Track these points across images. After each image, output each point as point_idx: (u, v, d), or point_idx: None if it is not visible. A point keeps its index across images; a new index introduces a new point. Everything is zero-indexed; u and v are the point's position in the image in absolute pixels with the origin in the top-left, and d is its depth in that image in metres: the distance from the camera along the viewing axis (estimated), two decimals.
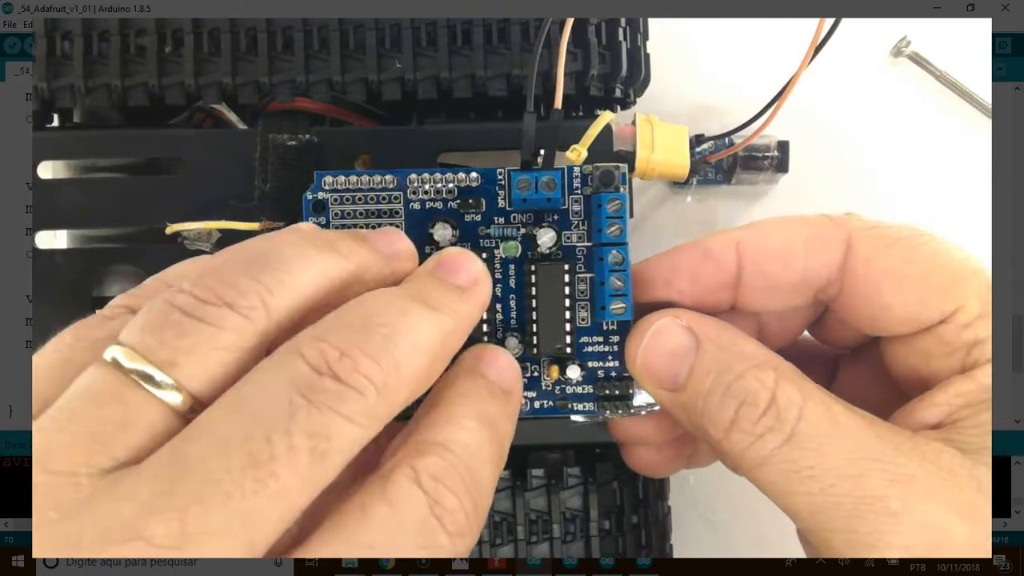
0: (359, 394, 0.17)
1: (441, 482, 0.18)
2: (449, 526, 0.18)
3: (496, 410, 0.21)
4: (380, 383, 0.18)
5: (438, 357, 0.20)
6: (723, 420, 0.21)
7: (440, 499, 0.18)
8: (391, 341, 0.18)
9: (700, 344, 0.21)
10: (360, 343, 0.18)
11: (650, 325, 0.22)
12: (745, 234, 0.23)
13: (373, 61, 0.26)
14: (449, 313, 0.20)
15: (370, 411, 0.17)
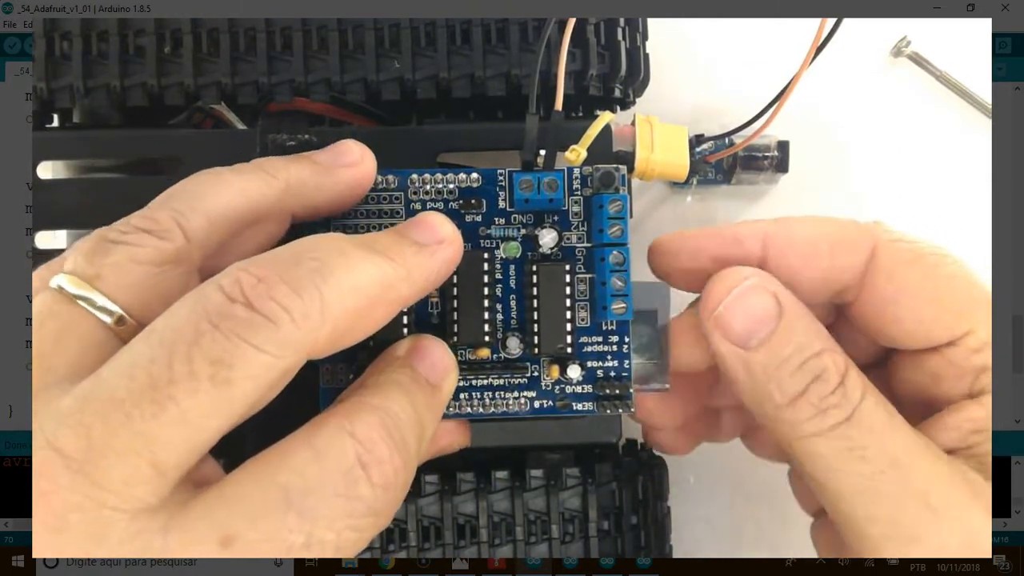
0: (270, 322, 0.17)
1: (374, 433, 0.18)
2: (375, 477, 0.18)
3: (422, 400, 0.21)
4: (298, 313, 0.17)
5: (377, 304, 0.19)
6: (792, 390, 0.21)
7: (372, 449, 0.18)
8: (318, 274, 0.18)
9: (784, 314, 0.22)
10: (282, 271, 0.18)
11: (737, 280, 0.22)
12: (774, 227, 0.23)
13: (372, 61, 0.26)
14: (398, 262, 0.20)
15: (283, 340, 0.17)
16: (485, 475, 0.26)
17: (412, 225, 0.21)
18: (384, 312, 0.20)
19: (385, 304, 0.20)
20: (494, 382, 0.24)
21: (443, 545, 0.25)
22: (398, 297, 0.20)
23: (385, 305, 0.20)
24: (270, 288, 0.17)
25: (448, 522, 0.25)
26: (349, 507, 0.18)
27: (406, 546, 0.25)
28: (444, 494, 0.25)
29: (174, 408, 0.16)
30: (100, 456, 0.16)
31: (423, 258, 0.21)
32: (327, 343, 0.18)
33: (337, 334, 0.19)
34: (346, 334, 0.19)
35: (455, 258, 0.22)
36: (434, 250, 0.21)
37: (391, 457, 0.19)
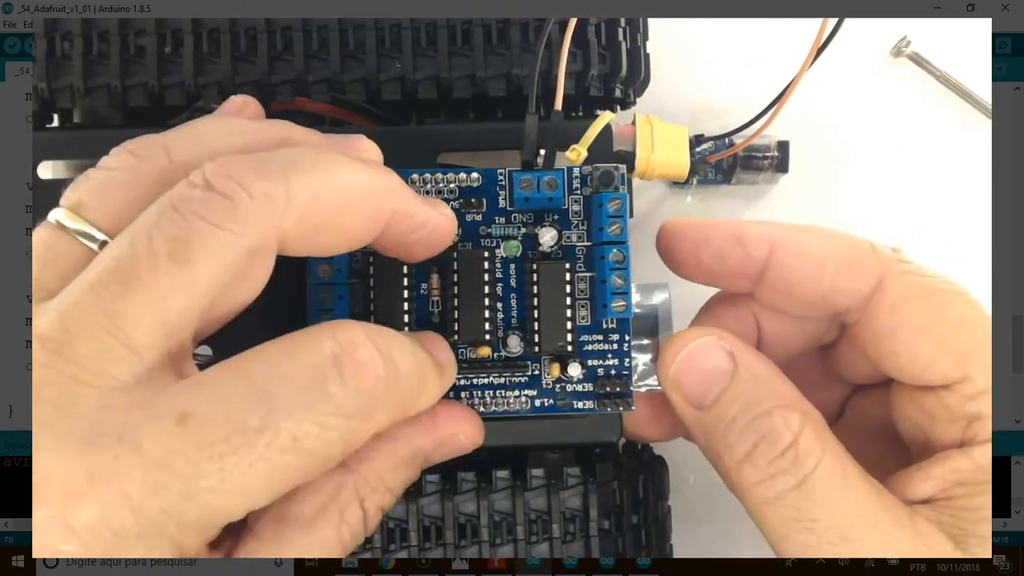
0: (227, 199, 0.17)
1: (357, 336, 0.18)
2: (349, 376, 0.18)
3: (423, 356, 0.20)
4: (258, 192, 0.17)
5: (357, 208, 0.19)
6: (739, 451, 0.21)
7: (350, 349, 0.18)
8: (288, 164, 0.18)
9: (737, 371, 0.21)
10: (250, 162, 0.18)
11: (692, 339, 0.22)
12: (782, 234, 0.23)
13: (373, 61, 0.26)
14: (382, 175, 0.20)
15: (242, 218, 0.17)
16: (486, 474, 0.26)
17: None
18: (363, 222, 0.20)
19: (366, 216, 0.20)
20: (495, 380, 0.24)
21: (444, 545, 0.25)
22: (381, 210, 0.20)
23: (366, 217, 0.20)
24: (232, 172, 0.18)
25: (449, 521, 0.25)
26: (313, 401, 0.17)
27: (407, 546, 0.25)
28: (445, 494, 0.25)
29: (138, 285, 0.17)
30: (73, 335, 0.17)
31: (415, 196, 0.21)
32: (297, 232, 0.18)
33: (309, 225, 0.19)
34: (321, 231, 0.19)
35: (449, 224, 0.22)
36: (433, 203, 0.21)
37: (371, 362, 0.18)
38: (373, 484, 0.21)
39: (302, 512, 0.20)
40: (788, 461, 0.20)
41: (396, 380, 0.19)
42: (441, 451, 0.23)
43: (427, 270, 0.24)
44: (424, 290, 0.24)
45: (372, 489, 0.21)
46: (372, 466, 0.21)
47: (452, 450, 0.23)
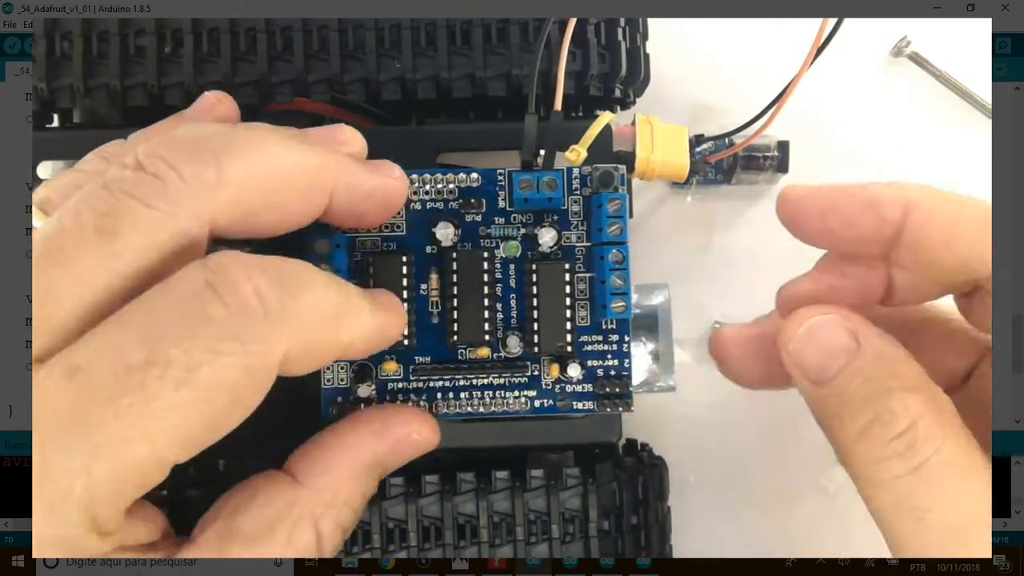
0: (157, 179, 0.17)
1: (228, 260, 0.18)
2: (229, 299, 0.17)
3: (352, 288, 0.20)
4: (188, 173, 0.18)
5: (292, 187, 0.19)
6: (853, 429, 0.20)
7: (223, 273, 0.17)
8: (219, 146, 0.18)
9: (860, 349, 0.21)
10: (182, 144, 0.18)
11: (810, 316, 0.22)
12: (919, 194, 0.21)
13: (373, 61, 0.26)
14: (319, 152, 0.20)
15: (171, 197, 0.17)
16: (485, 475, 0.26)
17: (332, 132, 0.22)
18: (301, 201, 0.20)
19: (302, 192, 0.20)
20: (494, 381, 0.24)
21: (443, 545, 0.25)
22: (319, 187, 0.20)
23: (302, 193, 0.20)
24: (164, 155, 0.18)
25: (448, 522, 0.25)
26: (198, 327, 0.17)
27: (406, 546, 0.25)
28: (444, 494, 0.25)
29: (62, 257, 0.17)
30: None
31: (359, 165, 0.21)
32: (230, 213, 0.18)
33: (243, 207, 0.19)
34: (258, 212, 0.19)
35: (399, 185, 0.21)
36: (379, 168, 0.21)
37: (250, 276, 0.17)
38: (329, 500, 0.20)
39: (249, 527, 0.19)
40: (904, 444, 0.19)
41: (291, 299, 0.18)
42: (397, 455, 0.22)
43: (426, 270, 0.24)
44: (424, 290, 0.24)
45: (328, 505, 0.20)
46: (327, 480, 0.21)
47: (408, 453, 0.22)
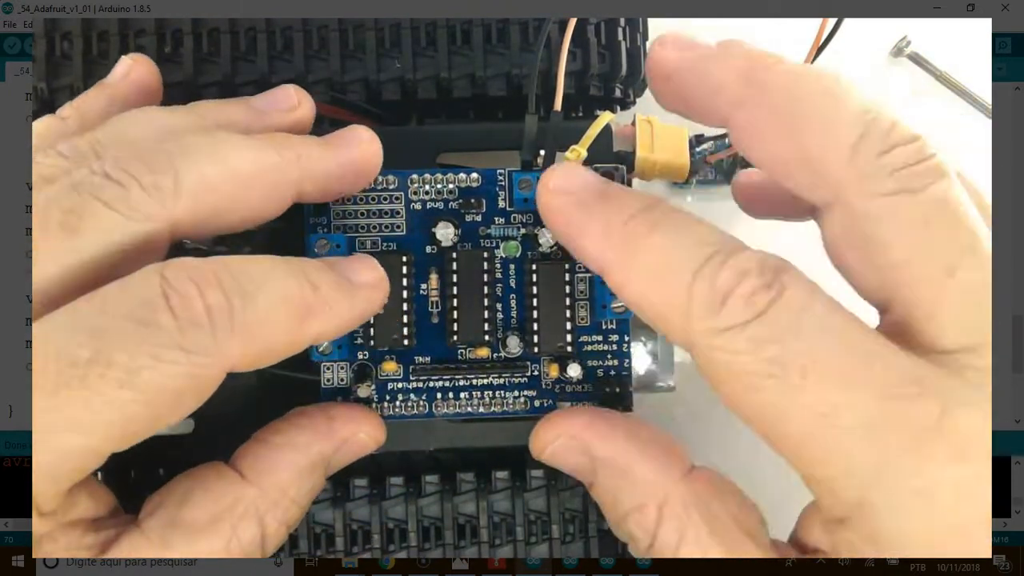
0: (120, 185, 0.19)
1: (186, 275, 0.18)
2: (179, 309, 0.18)
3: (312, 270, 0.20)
4: (148, 182, 0.19)
5: (253, 187, 0.20)
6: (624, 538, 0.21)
7: (176, 284, 0.18)
8: (176, 154, 0.19)
9: (595, 471, 0.21)
10: (144, 156, 0.19)
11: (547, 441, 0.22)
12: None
13: (373, 61, 0.26)
14: (278, 150, 0.20)
15: (132, 202, 0.19)
16: (485, 475, 0.26)
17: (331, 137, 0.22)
18: (263, 199, 0.20)
19: (264, 191, 0.20)
20: (494, 381, 0.24)
21: (443, 545, 0.25)
22: (281, 184, 0.20)
23: (264, 192, 0.20)
24: (127, 166, 0.19)
25: (448, 522, 0.25)
26: (144, 333, 0.17)
27: (406, 546, 0.25)
28: (445, 494, 0.25)
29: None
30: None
31: (323, 149, 0.21)
32: (193, 218, 0.19)
33: (205, 210, 0.19)
34: (220, 213, 0.20)
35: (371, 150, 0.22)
36: (344, 141, 0.21)
37: (199, 295, 0.18)
38: (275, 497, 0.21)
39: (193, 519, 0.20)
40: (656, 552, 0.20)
41: (243, 311, 0.18)
42: (343, 454, 0.22)
43: (426, 270, 0.24)
44: (424, 290, 0.24)
45: (274, 503, 0.21)
46: (274, 479, 0.21)
47: (354, 452, 0.22)
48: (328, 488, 0.25)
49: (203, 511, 0.20)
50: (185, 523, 0.20)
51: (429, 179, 0.24)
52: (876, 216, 0.18)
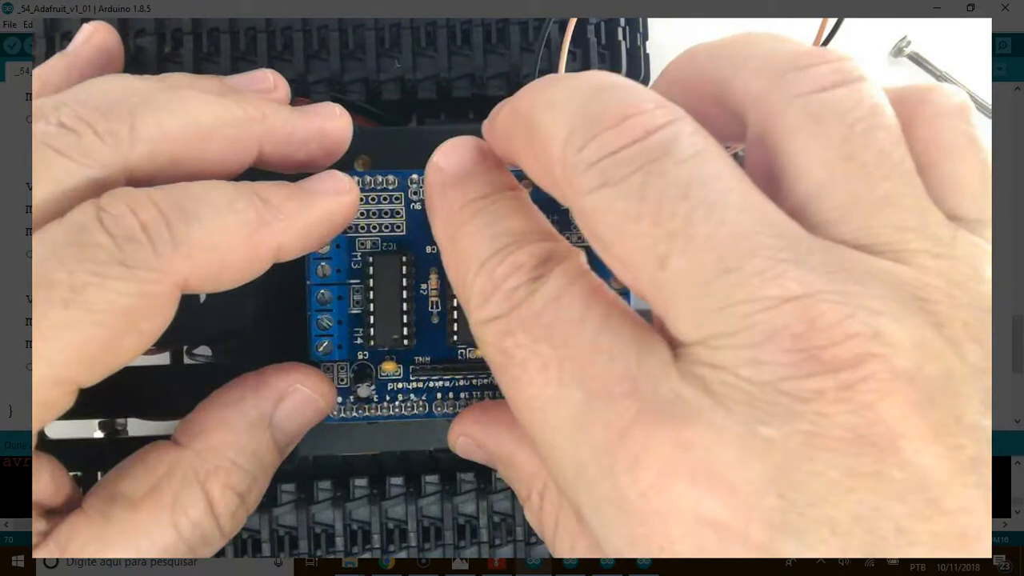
0: (73, 132, 0.19)
1: (119, 198, 0.18)
2: (112, 228, 0.18)
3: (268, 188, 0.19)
4: (103, 128, 0.19)
5: (212, 140, 0.20)
6: None
7: (109, 208, 0.18)
8: (135, 104, 0.19)
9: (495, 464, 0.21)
10: (100, 106, 0.19)
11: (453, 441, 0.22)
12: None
13: (373, 61, 0.26)
14: (243, 105, 0.20)
15: (85, 149, 0.19)
16: (485, 475, 0.26)
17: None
18: (222, 152, 0.20)
19: (224, 144, 0.20)
20: (494, 381, 0.24)
21: (443, 545, 0.25)
22: (242, 138, 0.20)
23: (224, 145, 0.20)
24: (82, 115, 0.19)
25: (449, 522, 0.25)
26: (82, 253, 0.17)
27: (406, 546, 0.25)
28: (445, 494, 0.25)
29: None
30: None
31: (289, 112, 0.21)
32: (147, 164, 0.19)
33: (160, 158, 0.19)
34: (177, 163, 0.20)
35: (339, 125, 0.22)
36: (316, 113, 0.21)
37: (131, 211, 0.18)
38: (214, 461, 0.20)
39: (131, 490, 0.19)
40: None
41: (184, 226, 0.18)
42: (288, 412, 0.21)
43: (427, 271, 0.24)
44: (424, 290, 0.24)
45: (215, 467, 0.20)
46: (206, 439, 0.20)
47: (301, 409, 0.21)
48: (328, 488, 0.25)
49: (140, 482, 0.19)
50: (123, 496, 0.19)
51: None
52: (588, 215, 0.16)
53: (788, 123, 0.16)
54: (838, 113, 0.16)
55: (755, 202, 0.15)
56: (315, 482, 0.25)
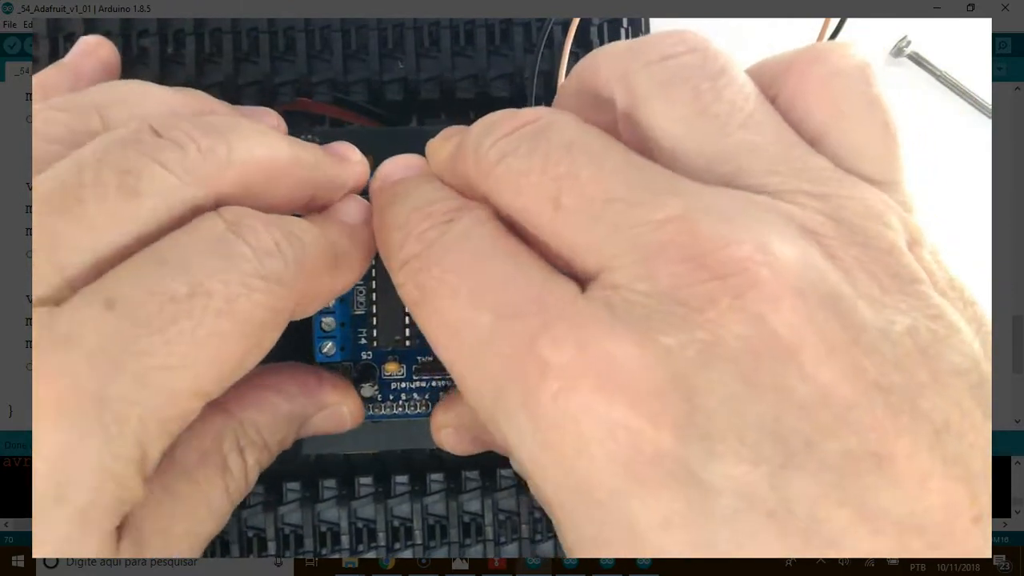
0: (177, 146, 0.18)
1: (243, 215, 0.18)
2: (252, 240, 0.18)
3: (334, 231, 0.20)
4: (205, 146, 0.18)
5: (286, 176, 0.20)
6: None
7: (239, 220, 0.18)
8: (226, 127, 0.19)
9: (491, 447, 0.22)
10: (194, 120, 0.19)
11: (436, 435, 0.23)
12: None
13: (376, 62, 0.26)
14: (310, 149, 0.21)
15: (188, 165, 0.18)
16: (490, 473, 0.26)
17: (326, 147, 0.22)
18: (289, 191, 0.20)
19: (292, 183, 0.20)
20: None
21: (448, 543, 0.25)
22: (308, 180, 0.20)
23: (292, 184, 0.20)
24: (180, 126, 0.18)
25: (453, 520, 0.25)
26: (230, 264, 0.17)
27: (411, 544, 0.25)
28: (449, 492, 0.25)
29: (79, 210, 0.17)
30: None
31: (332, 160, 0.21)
32: (235, 188, 0.19)
33: (245, 182, 0.19)
34: (255, 188, 0.19)
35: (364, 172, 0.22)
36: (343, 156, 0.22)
37: (266, 228, 0.18)
38: (252, 436, 0.21)
39: (185, 458, 0.20)
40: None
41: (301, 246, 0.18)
42: (321, 421, 0.22)
43: None
44: None
45: (251, 441, 0.21)
46: (252, 415, 0.21)
47: (333, 422, 0.23)
48: (334, 487, 0.25)
49: (192, 447, 0.20)
50: (178, 465, 0.19)
51: None
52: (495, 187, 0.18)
53: (642, 92, 0.18)
54: (684, 77, 0.17)
55: (634, 156, 0.17)
56: (320, 480, 0.25)
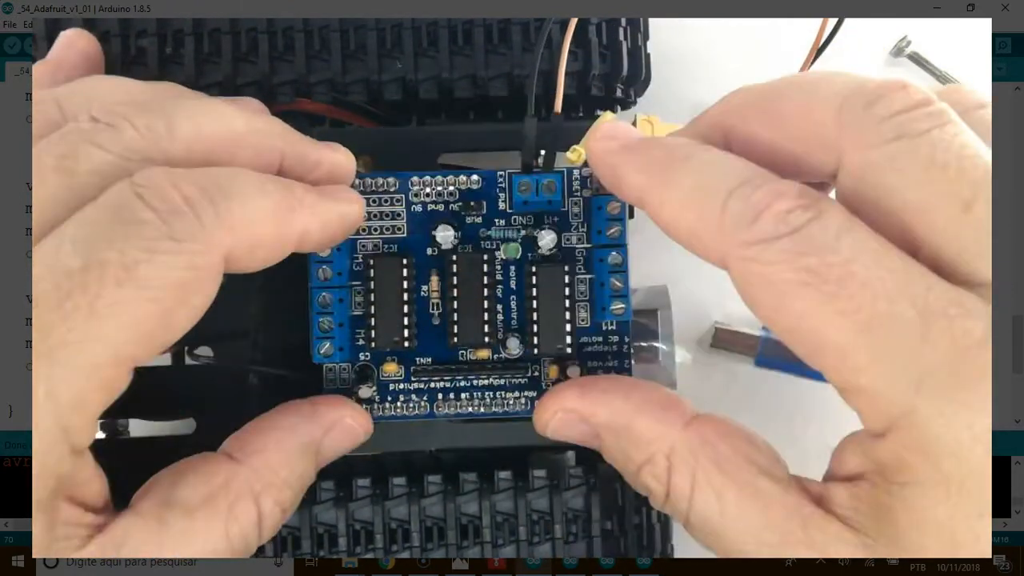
0: (111, 127, 0.19)
1: (155, 175, 0.18)
2: (155, 203, 0.18)
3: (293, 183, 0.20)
4: (142, 123, 0.19)
5: (243, 145, 0.20)
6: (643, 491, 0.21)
7: (147, 184, 0.18)
8: (171, 106, 0.19)
9: (599, 435, 0.21)
10: (135, 104, 0.19)
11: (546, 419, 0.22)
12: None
13: (374, 62, 0.26)
14: (267, 120, 0.21)
15: (124, 143, 0.19)
16: (488, 476, 0.26)
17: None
18: (250, 154, 0.20)
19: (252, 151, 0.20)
20: (495, 382, 0.24)
21: (446, 545, 0.25)
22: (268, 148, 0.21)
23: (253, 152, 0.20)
24: (117, 109, 0.19)
25: (451, 522, 0.25)
26: (129, 230, 0.17)
27: (409, 546, 0.25)
28: (447, 495, 0.25)
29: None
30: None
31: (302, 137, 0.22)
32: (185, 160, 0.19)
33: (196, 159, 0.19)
34: (212, 158, 0.20)
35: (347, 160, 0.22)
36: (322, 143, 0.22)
37: (176, 186, 0.18)
38: (268, 478, 0.21)
39: (187, 497, 0.20)
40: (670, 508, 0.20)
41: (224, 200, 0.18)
42: (333, 440, 0.22)
43: (427, 272, 0.24)
44: (424, 292, 0.24)
45: (268, 484, 0.21)
46: (263, 458, 0.21)
47: (344, 438, 0.23)
48: (331, 488, 0.25)
49: (196, 491, 0.20)
50: (180, 502, 0.20)
51: (430, 181, 0.24)
52: (879, 165, 0.18)
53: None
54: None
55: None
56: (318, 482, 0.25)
